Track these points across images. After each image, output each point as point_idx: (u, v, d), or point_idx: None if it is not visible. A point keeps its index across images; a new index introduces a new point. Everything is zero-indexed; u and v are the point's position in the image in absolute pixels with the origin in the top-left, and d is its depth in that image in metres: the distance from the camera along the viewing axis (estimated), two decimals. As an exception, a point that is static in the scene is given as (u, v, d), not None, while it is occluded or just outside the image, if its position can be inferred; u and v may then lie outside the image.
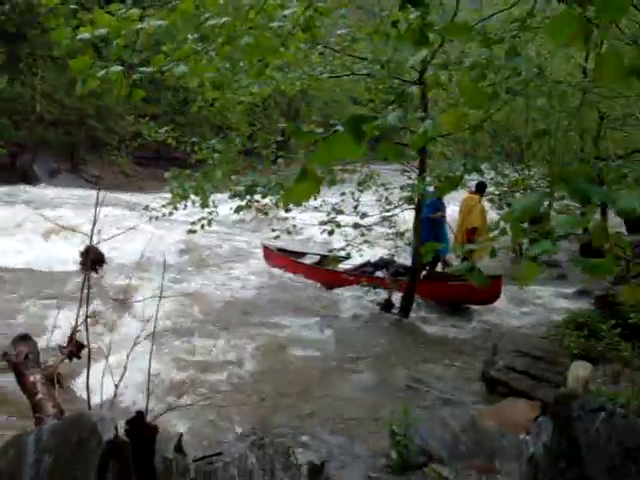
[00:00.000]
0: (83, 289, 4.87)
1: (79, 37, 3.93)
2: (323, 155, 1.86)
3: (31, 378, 4.94)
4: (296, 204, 2.07)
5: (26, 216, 16.27)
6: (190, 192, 8.80)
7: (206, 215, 9.33)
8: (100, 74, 3.91)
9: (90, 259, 6.93)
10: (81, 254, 11.62)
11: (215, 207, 9.21)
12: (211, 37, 4.57)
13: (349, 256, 10.83)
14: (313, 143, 1.90)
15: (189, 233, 9.79)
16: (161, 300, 4.91)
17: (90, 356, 4.60)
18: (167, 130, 10.40)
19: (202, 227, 9.50)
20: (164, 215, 9.54)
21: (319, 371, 8.14)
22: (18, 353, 5.16)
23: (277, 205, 9.14)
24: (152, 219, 9.75)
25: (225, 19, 4.23)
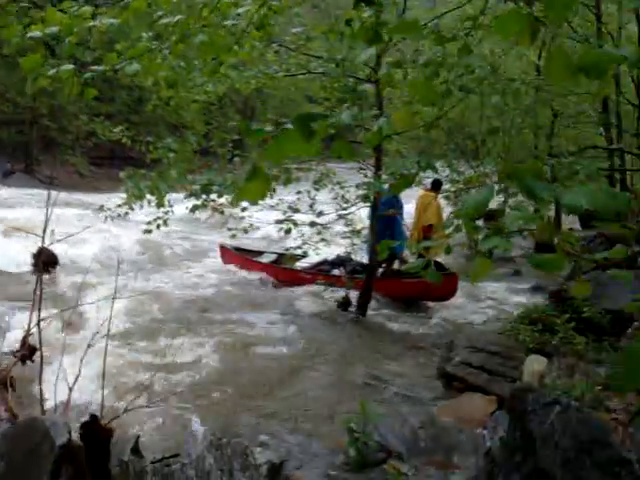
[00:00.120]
0: (36, 291, 4.80)
1: (29, 35, 3.87)
2: (273, 153, 1.86)
3: (-17, 383, 4.85)
4: (251, 203, 2.06)
5: (-22, 218, 15.92)
6: (146, 192, 8.71)
7: (162, 215, 9.25)
8: (51, 73, 3.85)
9: (42, 260, 6.81)
10: (33, 256, 11.44)
11: (171, 207, 9.12)
12: (165, 35, 4.53)
13: (306, 254, 10.82)
14: (264, 141, 1.90)
15: (145, 233, 9.70)
16: (118, 300, 4.86)
17: (43, 359, 4.53)
18: (122, 129, 10.26)
19: (158, 227, 9.42)
20: (119, 215, 9.43)
21: (278, 369, 8.13)
22: (-31, 357, 5.07)
23: (232, 204, 9.11)
24: (107, 219, 9.63)
25: (178, 17, 4.20)
